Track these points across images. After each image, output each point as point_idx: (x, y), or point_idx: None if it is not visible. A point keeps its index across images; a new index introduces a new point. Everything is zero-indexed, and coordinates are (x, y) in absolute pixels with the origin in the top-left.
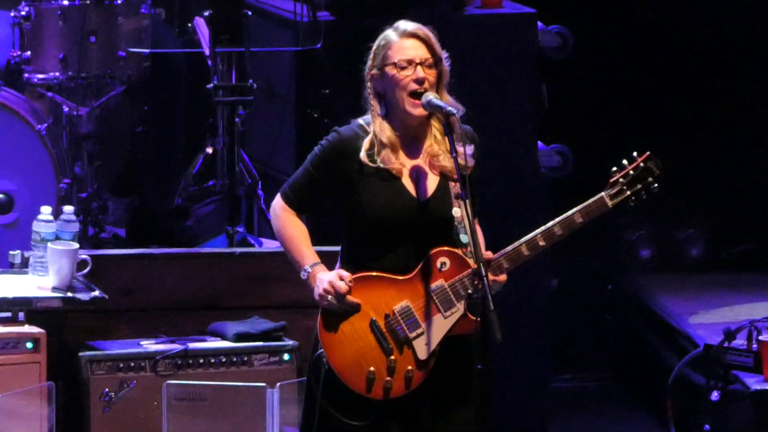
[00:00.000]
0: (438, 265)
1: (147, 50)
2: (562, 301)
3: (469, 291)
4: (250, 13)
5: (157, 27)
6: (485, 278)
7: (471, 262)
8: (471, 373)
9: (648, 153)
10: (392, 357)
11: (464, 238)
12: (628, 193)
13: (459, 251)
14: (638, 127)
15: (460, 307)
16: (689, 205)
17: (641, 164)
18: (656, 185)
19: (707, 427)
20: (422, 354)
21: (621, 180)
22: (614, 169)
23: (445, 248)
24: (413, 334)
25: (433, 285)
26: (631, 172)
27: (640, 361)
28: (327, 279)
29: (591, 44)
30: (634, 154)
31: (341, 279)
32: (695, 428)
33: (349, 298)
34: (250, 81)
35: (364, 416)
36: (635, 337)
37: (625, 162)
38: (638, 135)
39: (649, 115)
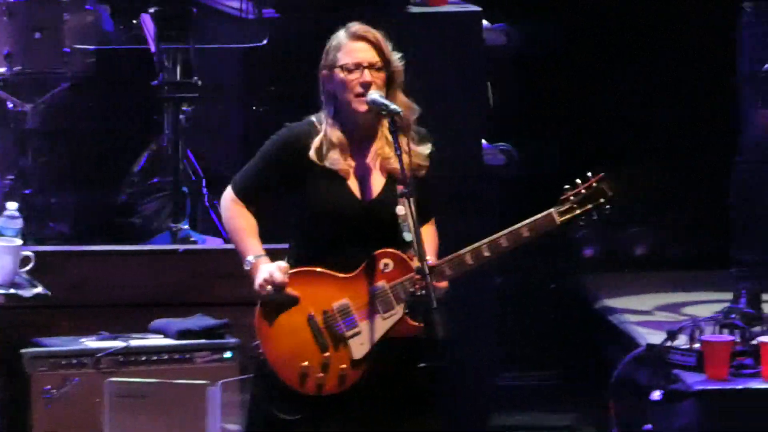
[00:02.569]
0: (381, 266)
1: (92, 47)
2: (506, 299)
3: (411, 291)
4: (195, 9)
5: (103, 23)
6: (428, 276)
7: (415, 260)
8: (415, 371)
9: (602, 174)
10: (327, 353)
11: (408, 236)
12: (578, 211)
13: (404, 255)
14: (585, 125)
15: (399, 310)
16: (634, 203)
17: (594, 184)
18: (608, 207)
19: (649, 426)
20: (357, 353)
21: (572, 198)
22: (567, 186)
23: (390, 250)
24: (350, 333)
25: (375, 285)
26: (583, 191)
27: (585, 359)
28: (267, 269)
29: (537, 41)
30: (589, 174)
31: (280, 270)
32: (637, 428)
33: (288, 290)
34: (195, 78)
35: (297, 410)
36: (580, 336)
37: (578, 181)
38: (585, 133)
39: (596, 113)
